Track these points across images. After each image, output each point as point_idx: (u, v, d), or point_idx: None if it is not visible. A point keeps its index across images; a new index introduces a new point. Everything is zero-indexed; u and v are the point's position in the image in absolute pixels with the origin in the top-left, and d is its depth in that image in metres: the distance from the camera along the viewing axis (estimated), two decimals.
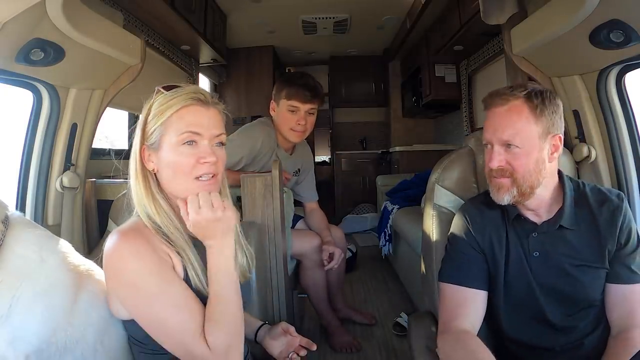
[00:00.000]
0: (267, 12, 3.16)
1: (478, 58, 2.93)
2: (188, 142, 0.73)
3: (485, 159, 0.89)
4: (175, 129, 0.72)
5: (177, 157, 0.73)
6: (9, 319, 0.65)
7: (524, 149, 0.81)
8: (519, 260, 0.87)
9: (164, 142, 0.73)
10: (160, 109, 0.74)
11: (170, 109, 0.73)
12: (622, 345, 0.78)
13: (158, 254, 0.71)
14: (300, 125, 1.59)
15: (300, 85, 1.57)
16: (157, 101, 0.75)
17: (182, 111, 0.73)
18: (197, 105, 0.74)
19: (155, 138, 0.74)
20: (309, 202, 1.83)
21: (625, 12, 0.92)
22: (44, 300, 0.68)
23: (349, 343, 1.73)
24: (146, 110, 0.76)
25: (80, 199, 1.37)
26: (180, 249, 0.73)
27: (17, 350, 0.65)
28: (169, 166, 0.73)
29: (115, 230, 0.72)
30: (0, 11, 0.81)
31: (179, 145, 0.72)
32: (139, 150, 0.75)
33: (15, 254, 0.68)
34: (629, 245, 0.84)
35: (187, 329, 0.68)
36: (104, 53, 1.20)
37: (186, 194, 0.73)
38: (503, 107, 0.82)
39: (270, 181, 1.34)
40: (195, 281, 0.73)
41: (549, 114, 0.81)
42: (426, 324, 0.96)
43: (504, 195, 0.84)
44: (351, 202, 4.39)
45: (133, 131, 0.77)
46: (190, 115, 0.73)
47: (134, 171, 0.76)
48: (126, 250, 0.69)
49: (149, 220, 0.74)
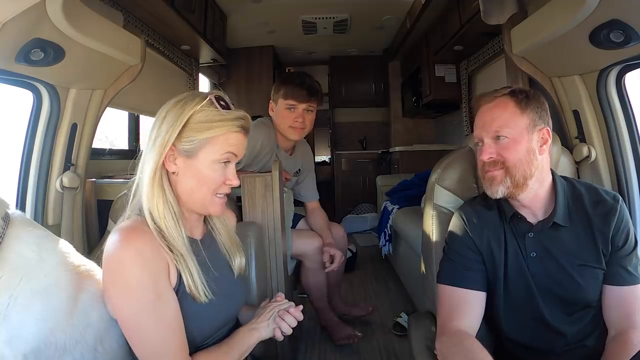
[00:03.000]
0: (267, 12, 3.16)
1: (478, 58, 2.93)
2: (224, 162, 0.76)
3: (477, 157, 0.90)
4: (219, 148, 0.75)
5: (209, 172, 0.75)
6: (6, 317, 0.64)
7: (512, 139, 0.83)
8: (517, 261, 0.87)
9: (202, 154, 0.74)
10: (209, 124, 0.74)
11: (221, 129, 0.74)
12: (621, 346, 0.77)
13: (157, 260, 0.70)
14: (298, 122, 1.59)
15: (297, 84, 1.59)
16: (206, 113, 0.74)
17: (231, 135, 0.76)
18: (241, 133, 0.78)
19: (192, 146, 0.73)
20: (310, 202, 1.84)
21: (625, 12, 0.92)
22: (42, 299, 0.68)
23: (349, 335, 1.74)
24: (187, 113, 0.73)
25: (80, 199, 1.37)
26: (179, 254, 0.73)
27: (15, 349, 0.65)
28: (197, 177, 0.74)
29: (117, 228, 0.72)
30: (0, 11, 0.81)
31: (215, 162, 0.75)
32: (165, 148, 0.73)
33: (14, 252, 0.68)
34: (626, 247, 0.83)
35: (166, 347, 0.68)
36: (104, 53, 1.20)
37: (200, 205, 0.77)
38: (490, 103, 0.87)
39: (270, 181, 1.34)
40: (191, 287, 0.73)
41: (534, 108, 0.85)
42: (426, 324, 0.96)
43: (497, 187, 0.85)
44: (351, 202, 4.39)
45: (159, 125, 0.74)
46: (235, 141, 0.76)
47: (151, 168, 0.74)
48: (127, 252, 0.68)
49: (152, 221, 0.73)
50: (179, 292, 0.73)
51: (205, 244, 0.82)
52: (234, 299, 0.86)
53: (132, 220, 0.75)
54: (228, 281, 0.84)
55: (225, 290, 0.81)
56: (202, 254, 0.78)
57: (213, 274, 0.78)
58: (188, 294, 0.73)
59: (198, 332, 0.76)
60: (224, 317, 0.82)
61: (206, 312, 0.76)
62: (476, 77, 3.14)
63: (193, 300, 0.74)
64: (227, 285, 0.83)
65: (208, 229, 0.87)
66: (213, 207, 0.78)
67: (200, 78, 3.37)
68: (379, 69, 4.66)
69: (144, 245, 0.69)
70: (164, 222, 0.73)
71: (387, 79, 4.60)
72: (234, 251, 0.88)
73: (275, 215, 1.35)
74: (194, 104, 0.74)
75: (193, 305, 0.74)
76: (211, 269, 0.79)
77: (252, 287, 1.08)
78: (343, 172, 4.54)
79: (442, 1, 2.58)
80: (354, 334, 1.75)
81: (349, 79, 4.72)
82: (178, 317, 0.71)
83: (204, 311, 0.75)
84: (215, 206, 0.78)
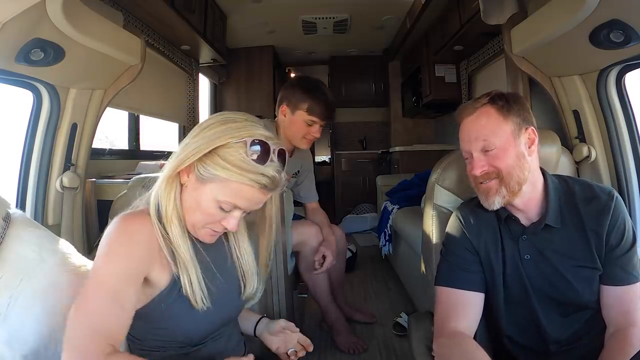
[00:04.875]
0: (267, 12, 3.16)
1: (478, 58, 2.92)
2: (228, 210, 0.71)
3: (467, 170, 0.89)
4: (227, 193, 0.69)
5: (210, 208, 0.70)
6: (6, 318, 0.64)
7: (500, 148, 0.83)
8: (513, 263, 0.87)
9: (209, 187, 0.69)
10: (230, 166, 0.67)
11: (238, 177, 0.67)
12: (620, 343, 0.77)
13: (144, 248, 0.68)
14: (315, 136, 1.59)
15: (323, 101, 1.54)
16: (237, 152, 0.68)
17: (246, 188, 0.69)
18: (261, 192, 0.70)
19: (205, 175, 0.69)
20: (310, 203, 1.83)
21: (625, 12, 0.92)
22: (43, 300, 0.68)
23: (354, 343, 1.72)
24: (220, 141, 0.68)
25: (80, 199, 1.37)
26: (182, 262, 0.71)
27: (14, 350, 0.65)
28: (197, 202, 0.71)
29: (120, 214, 0.70)
30: (0, 11, 0.81)
31: (219, 203, 0.70)
32: (186, 161, 0.70)
33: (15, 252, 0.68)
34: (622, 245, 0.82)
35: (96, 330, 0.61)
36: (104, 53, 1.20)
37: (190, 226, 0.73)
38: (472, 115, 0.86)
39: None
40: (187, 290, 0.71)
41: (516, 111, 0.84)
42: (426, 324, 0.96)
43: (494, 198, 0.84)
44: (351, 202, 4.39)
45: (197, 132, 0.71)
46: (249, 196, 0.70)
47: (168, 173, 0.72)
48: (119, 229, 0.67)
49: (159, 222, 0.71)
50: (173, 292, 0.71)
51: (208, 246, 0.78)
52: (236, 300, 0.85)
53: (137, 209, 0.74)
54: (231, 283, 0.83)
55: (228, 294, 0.80)
56: (205, 256, 0.76)
57: (218, 278, 0.77)
58: (184, 295, 0.71)
59: (195, 332, 0.75)
60: (224, 318, 0.81)
61: (205, 315, 0.74)
62: (476, 77, 3.14)
63: (188, 303, 0.72)
64: (230, 288, 0.82)
65: (222, 239, 0.84)
66: (202, 235, 0.74)
67: (200, 78, 3.37)
68: (379, 69, 4.66)
69: (138, 230, 0.68)
70: (171, 226, 0.71)
71: (387, 79, 4.60)
72: (248, 269, 0.85)
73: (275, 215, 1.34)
74: (233, 137, 0.68)
75: (191, 307, 0.72)
76: (216, 274, 0.76)
77: None
78: (343, 172, 4.54)
79: (442, 1, 2.58)
80: (360, 344, 1.71)
81: (349, 79, 4.72)
82: (130, 306, 0.65)
83: (202, 314, 0.73)
84: (204, 236, 0.74)
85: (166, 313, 0.72)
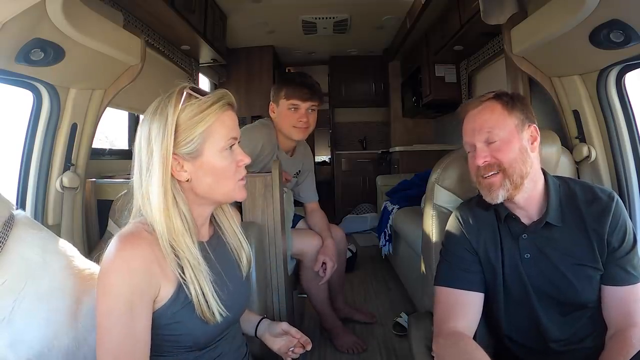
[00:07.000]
0: (267, 12, 3.16)
1: (478, 58, 2.92)
2: (230, 147, 0.74)
3: (469, 164, 0.90)
4: (220, 135, 0.72)
5: (222, 162, 0.72)
6: (11, 321, 0.64)
7: (504, 140, 0.84)
8: (513, 263, 0.87)
9: (206, 148, 0.71)
10: (200, 116, 0.70)
11: (212, 116, 0.71)
12: (620, 344, 0.77)
13: (144, 270, 0.66)
14: (302, 121, 1.59)
15: (298, 83, 1.58)
16: (191, 108, 0.70)
17: (224, 117, 0.73)
18: (231, 110, 0.75)
19: (194, 146, 0.70)
20: (310, 203, 1.83)
21: (625, 12, 0.92)
22: (47, 303, 0.68)
23: (354, 343, 1.72)
24: (172, 116, 0.69)
25: (80, 199, 1.37)
26: (187, 266, 0.69)
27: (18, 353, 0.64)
28: (213, 172, 0.72)
29: (117, 234, 0.68)
30: (0, 11, 0.81)
31: (222, 150, 0.72)
32: (168, 162, 0.69)
33: (18, 255, 0.67)
34: (623, 246, 0.82)
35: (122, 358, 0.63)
36: (104, 53, 1.20)
37: (224, 196, 0.75)
38: (477, 108, 0.88)
39: (270, 181, 1.34)
40: (203, 309, 0.70)
41: (520, 108, 0.86)
42: (426, 324, 0.96)
43: (497, 192, 0.84)
44: (351, 202, 4.39)
45: (147, 142, 0.70)
46: (229, 121, 0.74)
47: (159, 184, 0.69)
48: (115, 259, 0.65)
49: (163, 240, 0.69)
50: (178, 301, 0.70)
51: (212, 245, 0.79)
52: (242, 301, 0.85)
53: (134, 224, 0.71)
54: (237, 284, 0.83)
55: (235, 296, 0.79)
56: (212, 258, 0.76)
57: (226, 284, 0.76)
58: (195, 311, 0.70)
59: (203, 337, 0.74)
60: (231, 320, 0.81)
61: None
62: (476, 77, 3.14)
63: (201, 320, 0.71)
64: (237, 289, 0.81)
65: (215, 229, 0.84)
66: (239, 193, 0.76)
67: (200, 78, 3.37)
68: (379, 69, 4.67)
69: (135, 255, 0.65)
70: (182, 239, 0.69)
71: (387, 79, 4.60)
72: (239, 246, 0.85)
73: (275, 215, 1.35)
74: (174, 106, 0.70)
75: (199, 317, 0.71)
76: (223, 276, 0.76)
77: (252, 287, 1.08)
78: (343, 172, 4.54)
79: (442, 1, 2.58)
80: (358, 343, 1.73)
81: (349, 79, 4.73)
82: (144, 334, 0.66)
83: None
84: (241, 192, 0.76)
85: (174, 320, 0.70)
